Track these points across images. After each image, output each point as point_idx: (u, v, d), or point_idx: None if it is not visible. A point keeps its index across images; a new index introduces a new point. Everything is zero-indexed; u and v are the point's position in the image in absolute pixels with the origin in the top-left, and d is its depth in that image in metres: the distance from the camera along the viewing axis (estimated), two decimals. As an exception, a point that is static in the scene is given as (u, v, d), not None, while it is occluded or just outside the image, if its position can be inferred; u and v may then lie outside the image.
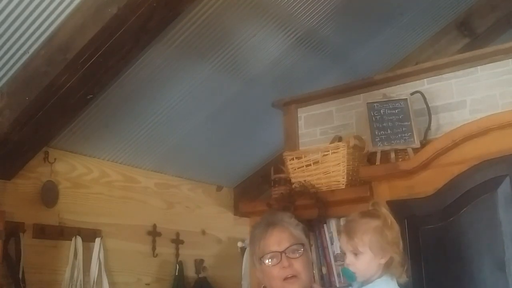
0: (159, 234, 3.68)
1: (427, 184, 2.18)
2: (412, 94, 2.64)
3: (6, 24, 2.30)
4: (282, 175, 2.83)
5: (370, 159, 2.61)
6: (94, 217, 3.27)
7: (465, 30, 4.14)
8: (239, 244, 3.94)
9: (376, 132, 2.56)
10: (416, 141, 2.51)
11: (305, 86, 3.35)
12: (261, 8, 2.96)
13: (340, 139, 2.76)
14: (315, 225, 2.49)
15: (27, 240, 2.88)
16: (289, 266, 2.00)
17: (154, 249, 3.63)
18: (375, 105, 2.61)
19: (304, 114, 3.05)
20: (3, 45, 2.39)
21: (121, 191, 3.50)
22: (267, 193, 3.61)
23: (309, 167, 2.60)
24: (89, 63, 2.40)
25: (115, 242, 3.36)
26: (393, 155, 2.54)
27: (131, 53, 2.54)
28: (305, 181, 2.57)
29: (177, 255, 3.79)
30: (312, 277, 2.15)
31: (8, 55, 2.44)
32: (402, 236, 1.90)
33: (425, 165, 2.20)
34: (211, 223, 4.15)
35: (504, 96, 2.52)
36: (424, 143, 2.47)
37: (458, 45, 4.17)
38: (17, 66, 2.48)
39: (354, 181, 2.55)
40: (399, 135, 2.54)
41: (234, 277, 3.89)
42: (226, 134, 3.76)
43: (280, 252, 2.02)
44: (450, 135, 2.19)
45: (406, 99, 2.59)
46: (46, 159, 3.07)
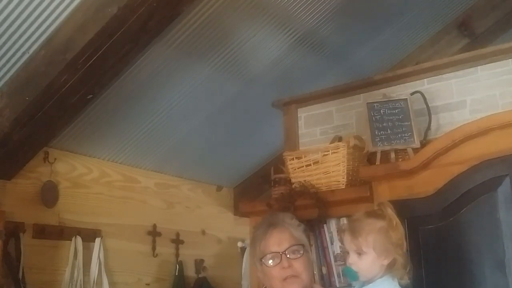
0: (159, 234, 3.68)
1: (427, 184, 2.17)
2: (412, 94, 2.64)
3: (6, 24, 2.30)
4: (282, 175, 2.83)
5: (370, 159, 2.61)
6: (94, 217, 3.27)
7: (465, 30, 4.14)
8: (239, 244, 3.95)
9: (376, 132, 2.56)
10: (416, 141, 2.51)
11: (305, 86, 3.34)
12: (261, 8, 2.96)
13: (340, 139, 2.76)
14: (315, 225, 2.49)
15: (27, 240, 2.88)
16: (289, 266, 2.00)
17: (154, 249, 3.63)
18: (375, 105, 2.61)
19: (304, 114, 3.05)
20: (3, 45, 2.39)
21: (121, 191, 3.50)
22: (267, 193, 3.61)
23: (309, 167, 2.60)
24: (89, 63, 2.39)
25: (115, 242, 3.36)
26: (393, 155, 2.54)
27: (131, 53, 2.54)
28: (305, 181, 2.57)
29: (177, 255, 3.79)
30: (312, 277, 2.15)
31: (8, 55, 2.44)
32: (402, 236, 1.90)
33: (425, 165, 2.20)
34: (211, 223, 4.15)
35: (504, 96, 2.52)
36: (424, 143, 2.47)
37: (458, 45, 4.17)
38: (17, 66, 2.48)
39: (354, 181, 2.55)
40: (399, 135, 2.54)
41: (234, 277, 3.89)
42: (226, 134, 3.76)
43: (280, 252, 2.02)
44: (450, 135, 2.19)
45: (406, 99, 2.59)
46: (46, 159, 3.07)
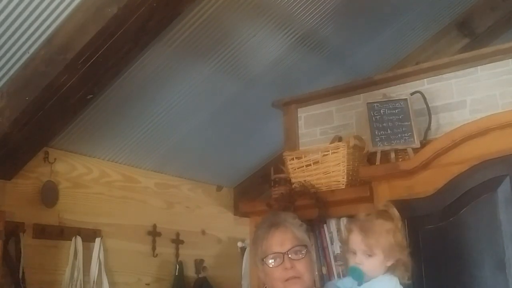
0: (159, 234, 3.68)
1: (427, 184, 2.17)
2: (412, 94, 2.63)
3: (6, 24, 2.30)
4: (282, 175, 2.83)
5: (370, 159, 2.60)
6: (94, 217, 3.27)
7: (465, 30, 4.14)
8: (239, 244, 3.95)
9: (376, 132, 2.56)
10: (416, 141, 2.50)
11: (305, 86, 3.34)
12: (261, 8, 2.96)
13: (340, 139, 2.75)
14: (315, 225, 2.48)
15: (27, 240, 2.88)
16: (291, 267, 1.96)
17: (154, 249, 3.64)
18: (375, 105, 2.60)
19: (304, 114, 3.04)
20: (3, 45, 2.39)
21: (121, 191, 3.50)
22: (267, 193, 3.60)
23: (309, 167, 2.60)
24: (89, 63, 2.40)
25: (115, 242, 3.37)
26: (393, 155, 2.54)
27: (131, 53, 2.54)
28: (305, 181, 2.57)
29: (177, 255, 3.79)
30: (314, 278, 2.14)
31: (8, 55, 2.44)
32: (402, 236, 1.91)
33: (425, 165, 2.20)
34: (211, 223, 4.15)
35: (504, 96, 2.52)
36: (424, 143, 2.46)
37: (458, 45, 4.17)
38: (17, 66, 2.48)
39: (354, 181, 2.54)
40: (399, 135, 2.53)
41: (234, 277, 3.89)
42: (226, 134, 3.76)
43: (282, 253, 1.98)
44: (450, 135, 2.19)
45: (406, 99, 2.59)
46: (46, 159, 3.07)
